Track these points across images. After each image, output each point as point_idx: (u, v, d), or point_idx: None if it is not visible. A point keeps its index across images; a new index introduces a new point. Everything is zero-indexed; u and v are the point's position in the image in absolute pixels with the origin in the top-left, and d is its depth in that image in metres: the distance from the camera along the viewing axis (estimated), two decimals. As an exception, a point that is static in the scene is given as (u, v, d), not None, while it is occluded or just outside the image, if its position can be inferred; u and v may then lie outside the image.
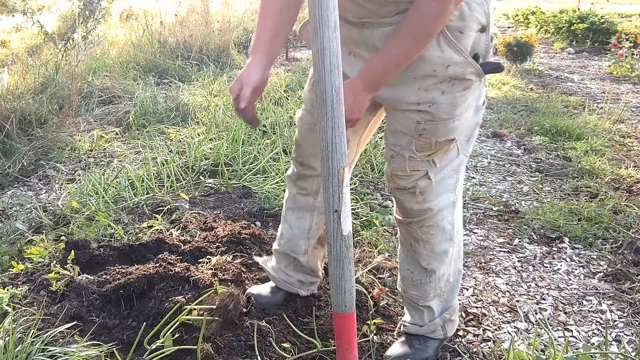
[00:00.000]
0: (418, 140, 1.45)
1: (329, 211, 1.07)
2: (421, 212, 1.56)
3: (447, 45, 1.33)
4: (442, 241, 1.61)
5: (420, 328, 1.71)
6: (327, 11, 0.93)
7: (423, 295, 1.68)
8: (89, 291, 1.87)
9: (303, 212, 1.79)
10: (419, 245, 1.62)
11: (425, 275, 1.65)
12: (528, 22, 10.55)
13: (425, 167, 1.49)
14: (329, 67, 0.96)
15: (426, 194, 1.53)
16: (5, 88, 3.89)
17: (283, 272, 1.88)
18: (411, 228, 1.61)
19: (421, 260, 1.64)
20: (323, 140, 1.02)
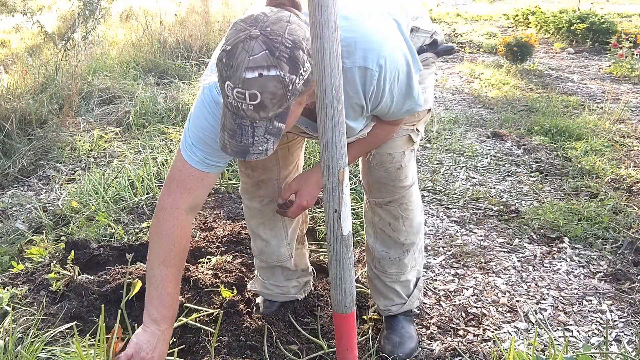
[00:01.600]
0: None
1: (329, 211, 1.07)
2: (403, 189, 1.62)
3: None
4: (418, 214, 1.71)
5: (403, 305, 1.78)
6: (327, 11, 0.93)
7: (402, 269, 1.74)
8: (89, 291, 1.87)
9: (274, 222, 1.77)
10: (399, 222, 1.67)
11: (403, 251, 1.72)
12: (528, 22, 10.55)
13: (408, 133, 1.59)
14: (329, 67, 0.97)
15: (408, 168, 1.61)
16: (5, 88, 3.88)
17: (275, 286, 1.87)
18: (391, 207, 1.65)
19: (400, 236, 1.69)
20: (323, 140, 1.02)
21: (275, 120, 1.09)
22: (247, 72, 1.02)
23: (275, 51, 1.02)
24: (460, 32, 10.46)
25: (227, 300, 1.80)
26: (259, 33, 1.03)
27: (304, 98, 1.15)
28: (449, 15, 14.02)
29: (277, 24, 1.05)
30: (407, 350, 1.72)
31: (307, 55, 1.07)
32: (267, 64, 1.02)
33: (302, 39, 1.06)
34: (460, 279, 2.20)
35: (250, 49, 1.02)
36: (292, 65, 1.03)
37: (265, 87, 1.03)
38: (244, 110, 1.06)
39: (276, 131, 1.11)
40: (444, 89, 5.86)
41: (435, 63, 1.64)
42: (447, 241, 2.50)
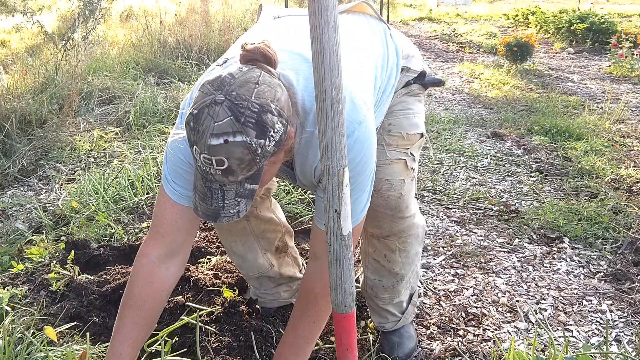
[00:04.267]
0: (389, 134, 1.55)
1: (329, 211, 1.06)
2: (403, 220, 1.58)
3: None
4: (415, 245, 1.67)
5: (397, 322, 1.78)
6: (327, 11, 0.93)
7: (395, 294, 1.73)
8: (89, 291, 1.87)
9: (245, 238, 1.73)
10: (395, 255, 1.64)
11: (397, 280, 1.69)
12: (528, 22, 10.55)
13: (404, 157, 1.55)
14: (329, 67, 0.96)
15: (409, 198, 1.57)
16: (5, 88, 3.88)
17: (267, 294, 1.88)
18: (389, 241, 1.61)
19: (395, 267, 1.66)
20: (323, 140, 1.02)
21: (245, 183, 1.07)
22: (212, 138, 0.99)
23: (241, 117, 1.00)
24: (460, 32, 10.45)
25: (228, 301, 1.80)
26: (224, 98, 1.00)
27: (279, 157, 1.13)
28: (449, 15, 14.02)
29: (244, 87, 1.03)
30: (406, 350, 1.72)
31: (277, 117, 1.04)
32: (232, 130, 0.99)
33: (272, 100, 1.03)
34: (460, 279, 2.20)
35: (215, 114, 1.00)
36: (260, 130, 1.01)
37: (231, 153, 1.00)
38: (212, 174, 1.04)
39: (248, 193, 1.09)
40: (444, 89, 5.86)
41: (423, 94, 1.65)
42: (447, 241, 2.50)
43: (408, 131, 1.56)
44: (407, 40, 1.62)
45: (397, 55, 1.49)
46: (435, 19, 13.64)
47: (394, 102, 1.55)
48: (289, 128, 1.09)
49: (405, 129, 1.55)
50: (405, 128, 1.55)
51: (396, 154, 1.54)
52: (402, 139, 1.55)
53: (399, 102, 1.57)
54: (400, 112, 1.56)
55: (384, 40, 1.48)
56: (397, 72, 1.47)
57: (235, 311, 1.76)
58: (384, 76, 1.42)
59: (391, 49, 1.48)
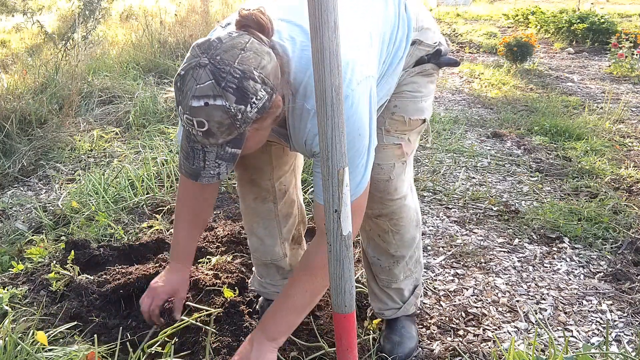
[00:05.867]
0: (392, 118, 1.54)
1: (329, 211, 1.06)
2: (392, 202, 1.59)
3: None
4: (410, 229, 1.67)
5: (398, 311, 1.77)
6: (327, 11, 0.93)
7: (393, 278, 1.73)
8: (89, 291, 1.87)
9: (268, 221, 1.75)
10: (388, 235, 1.66)
11: (393, 262, 1.70)
12: (528, 22, 10.55)
13: (400, 142, 1.54)
14: (329, 67, 0.96)
15: (398, 181, 1.57)
16: (5, 88, 3.88)
17: (271, 285, 1.88)
18: (380, 221, 1.63)
19: (390, 248, 1.68)
20: (323, 140, 1.02)
21: (227, 146, 1.11)
22: (193, 100, 1.04)
23: (222, 81, 1.03)
24: (460, 32, 10.45)
25: (228, 301, 1.80)
26: (208, 62, 1.04)
27: (264, 123, 1.15)
28: (449, 15, 14.02)
29: (229, 52, 1.05)
30: (406, 350, 1.72)
31: (260, 84, 1.06)
32: (213, 94, 1.03)
33: (255, 68, 1.06)
34: (460, 279, 2.20)
35: (198, 77, 1.04)
36: (240, 96, 1.04)
37: (211, 116, 1.04)
38: (194, 135, 1.08)
39: (229, 157, 1.12)
40: (444, 89, 5.86)
41: (437, 73, 1.61)
42: (447, 241, 2.50)
43: (411, 116, 1.54)
44: (424, 11, 1.54)
45: (409, 27, 1.43)
46: (435, 19, 13.62)
47: (405, 81, 1.52)
48: (274, 96, 1.12)
49: (409, 113, 1.54)
50: (409, 112, 1.54)
51: (392, 140, 1.54)
52: (404, 124, 1.54)
53: (410, 82, 1.53)
54: (409, 95, 1.54)
55: (397, 11, 1.42)
56: (407, 45, 1.43)
57: (235, 311, 1.76)
58: (390, 49, 1.39)
59: (402, 21, 1.43)
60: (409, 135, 1.56)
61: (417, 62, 1.53)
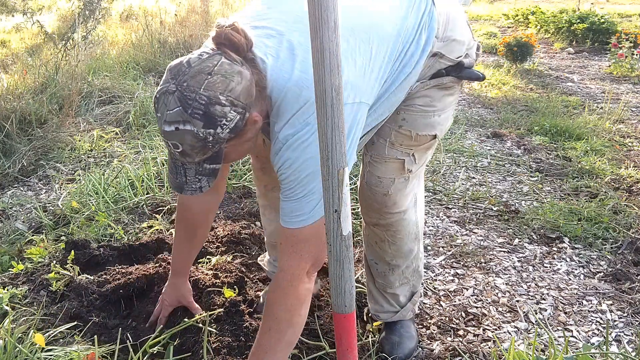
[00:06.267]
0: (398, 131, 1.48)
1: (328, 211, 1.06)
2: (391, 215, 1.58)
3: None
4: (408, 242, 1.66)
5: (395, 314, 1.77)
6: (327, 11, 0.93)
7: (388, 284, 1.74)
8: (89, 291, 1.87)
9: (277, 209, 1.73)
10: (385, 244, 1.66)
11: (389, 269, 1.71)
12: (528, 22, 10.55)
13: (403, 157, 1.50)
14: (329, 67, 0.96)
15: (397, 196, 1.54)
16: (5, 88, 3.88)
17: (274, 265, 1.93)
18: (378, 230, 1.63)
19: (386, 256, 1.68)
20: (322, 140, 1.02)
21: (204, 163, 1.17)
22: (165, 125, 1.11)
23: (188, 108, 1.08)
24: (460, 32, 10.44)
25: (228, 300, 1.80)
26: (175, 88, 1.09)
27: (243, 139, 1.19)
28: (449, 15, 13.99)
29: (195, 78, 1.09)
30: (406, 350, 1.72)
31: (229, 106, 1.10)
32: (181, 119, 1.09)
33: (222, 92, 1.09)
34: (460, 279, 2.20)
35: (168, 103, 1.10)
36: (207, 120, 1.09)
37: (183, 139, 1.11)
38: (175, 154, 1.16)
39: (208, 172, 1.19)
40: (444, 89, 5.85)
41: (458, 86, 1.50)
42: (447, 241, 2.50)
43: (419, 132, 1.47)
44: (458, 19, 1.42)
45: (428, 39, 1.33)
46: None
47: (417, 94, 1.43)
48: (247, 115, 1.15)
49: (417, 128, 1.46)
50: (417, 128, 1.46)
51: (395, 154, 1.50)
52: (410, 139, 1.48)
53: (423, 96, 1.44)
54: (419, 108, 1.45)
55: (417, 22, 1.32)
56: (418, 60, 1.33)
57: (235, 311, 1.76)
58: (396, 66, 1.32)
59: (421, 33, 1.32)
60: (414, 151, 1.50)
61: (434, 74, 1.43)
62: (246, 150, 1.28)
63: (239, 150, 1.24)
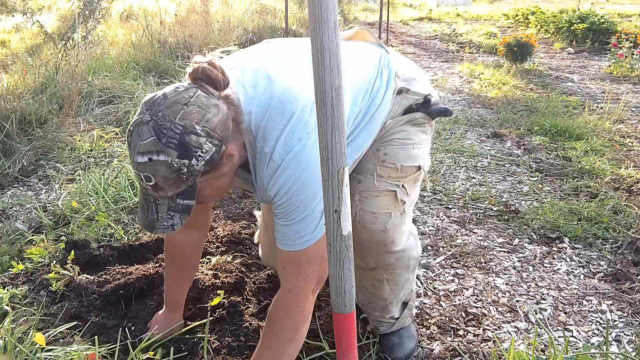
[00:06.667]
0: (382, 165, 1.52)
1: (328, 211, 1.06)
2: (390, 255, 1.54)
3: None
4: (406, 274, 1.63)
5: (394, 324, 1.74)
6: (327, 11, 0.93)
7: (386, 312, 1.71)
8: (89, 291, 1.87)
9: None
10: (383, 284, 1.61)
11: (387, 304, 1.68)
12: (528, 22, 10.55)
13: (394, 189, 1.50)
14: (329, 67, 0.96)
15: (396, 232, 1.52)
16: (5, 88, 3.88)
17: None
18: (376, 272, 1.59)
19: (384, 294, 1.64)
20: (322, 140, 1.02)
21: (177, 198, 1.13)
22: (138, 156, 1.08)
23: (163, 137, 1.05)
24: (460, 32, 10.45)
25: (228, 301, 1.80)
26: (150, 118, 1.07)
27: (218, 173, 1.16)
28: (449, 15, 14.02)
29: (171, 108, 1.08)
30: (406, 350, 1.71)
31: (205, 137, 1.08)
32: (155, 149, 1.06)
33: (198, 122, 1.08)
34: (460, 279, 2.20)
35: (141, 133, 1.07)
36: (182, 150, 1.06)
37: (156, 171, 1.08)
38: (147, 189, 1.12)
39: (182, 208, 1.15)
40: (444, 89, 5.86)
41: (429, 124, 1.58)
42: (447, 241, 2.50)
43: (403, 163, 1.51)
44: (410, 64, 1.58)
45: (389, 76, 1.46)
46: (435, 19, 13.64)
47: (393, 130, 1.51)
48: (223, 147, 1.13)
49: (401, 160, 1.51)
50: (400, 160, 1.51)
51: (386, 186, 1.51)
52: (396, 170, 1.51)
53: (400, 131, 1.52)
54: (399, 142, 1.52)
55: (377, 66, 1.46)
56: (385, 92, 1.43)
57: (235, 311, 1.76)
58: (367, 98, 1.40)
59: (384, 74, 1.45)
60: (403, 182, 1.52)
61: (405, 110, 1.52)
62: (222, 188, 1.24)
63: (215, 185, 1.20)
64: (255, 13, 9.07)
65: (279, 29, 8.86)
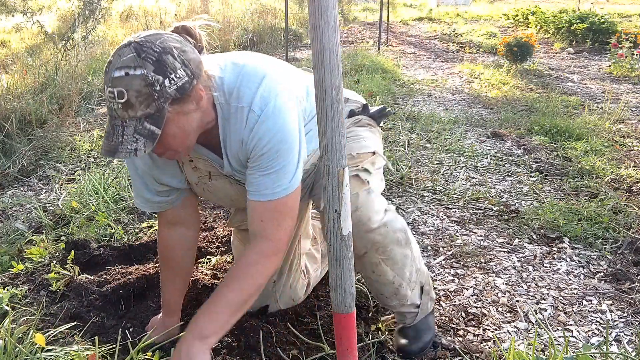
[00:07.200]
0: None
1: (329, 211, 1.07)
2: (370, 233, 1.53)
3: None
4: (399, 249, 1.61)
5: (416, 316, 1.73)
6: (327, 11, 0.93)
7: (403, 298, 1.68)
8: (89, 291, 1.87)
9: None
10: (381, 266, 1.60)
11: (396, 287, 1.65)
12: (528, 22, 10.56)
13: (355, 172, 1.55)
14: (329, 67, 0.97)
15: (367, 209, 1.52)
16: (5, 88, 3.88)
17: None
18: (368, 257, 1.58)
19: (388, 276, 1.62)
20: (323, 140, 1.02)
21: (145, 121, 1.16)
22: (115, 71, 1.13)
23: (142, 53, 1.13)
24: (460, 32, 10.46)
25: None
26: (133, 41, 1.16)
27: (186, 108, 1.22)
28: (449, 15, 14.03)
29: (153, 35, 1.18)
30: (421, 344, 1.70)
31: (180, 64, 1.16)
32: (133, 65, 1.12)
33: (176, 48, 1.17)
34: (460, 279, 2.20)
35: (122, 53, 1.14)
36: (158, 67, 1.13)
37: (130, 85, 1.12)
38: (115, 110, 1.15)
39: (147, 133, 1.17)
40: (444, 89, 5.86)
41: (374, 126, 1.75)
42: (447, 241, 2.50)
43: (358, 151, 1.61)
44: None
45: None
46: (435, 19, 13.65)
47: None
48: (195, 83, 1.20)
49: (354, 149, 1.61)
50: (354, 149, 1.61)
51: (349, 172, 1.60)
52: (352, 158, 1.59)
53: (348, 132, 1.65)
54: (350, 138, 1.64)
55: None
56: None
57: (235, 311, 1.76)
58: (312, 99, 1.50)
59: None
60: (362, 165, 1.58)
61: (349, 114, 1.72)
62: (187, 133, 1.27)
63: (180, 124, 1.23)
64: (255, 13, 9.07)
65: (279, 29, 8.86)
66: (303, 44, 9.22)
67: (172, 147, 1.26)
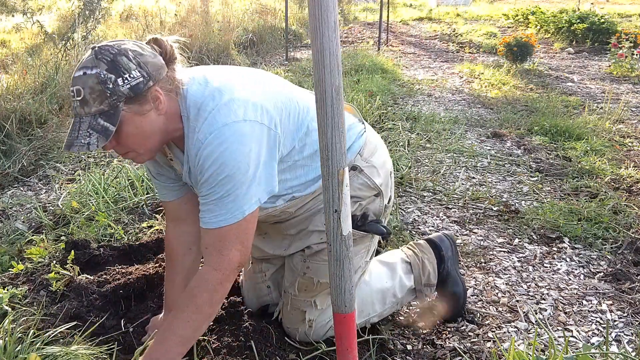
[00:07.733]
0: (302, 278, 1.61)
1: (329, 211, 1.06)
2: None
3: None
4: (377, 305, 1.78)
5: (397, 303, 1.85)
6: (327, 11, 0.93)
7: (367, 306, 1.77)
8: (89, 291, 1.87)
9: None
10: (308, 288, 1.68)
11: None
12: (528, 22, 10.56)
13: (305, 308, 1.61)
14: (329, 67, 0.96)
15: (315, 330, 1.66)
16: (5, 88, 3.88)
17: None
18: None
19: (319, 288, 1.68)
20: (322, 140, 1.02)
21: (99, 117, 1.22)
22: (76, 72, 1.24)
23: (99, 55, 1.22)
24: (460, 32, 10.46)
25: (228, 300, 1.80)
26: (96, 46, 1.25)
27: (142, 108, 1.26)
28: (449, 15, 14.03)
29: (114, 41, 1.27)
30: None
31: (135, 65, 1.23)
32: (90, 65, 1.22)
33: (132, 51, 1.24)
34: (460, 279, 2.20)
35: (84, 57, 1.25)
36: (112, 66, 1.21)
37: (85, 83, 1.21)
38: (75, 108, 1.24)
39: (101, 129, 1.22)
40: (444, 89, 5.86)
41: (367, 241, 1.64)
42: (447, 241, 2.50)
43: (321, 279, 1.59)
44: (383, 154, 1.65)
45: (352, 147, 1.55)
46: (435, 19, 13.65)
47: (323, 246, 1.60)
48: (151, 83, 1.25)
49: (320, 277, 1.59)
50: (320, 276, 1.59)
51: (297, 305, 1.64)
52: (312, 285, 1.60)
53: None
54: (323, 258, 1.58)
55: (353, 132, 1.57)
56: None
57: (235, 311, 1.76)
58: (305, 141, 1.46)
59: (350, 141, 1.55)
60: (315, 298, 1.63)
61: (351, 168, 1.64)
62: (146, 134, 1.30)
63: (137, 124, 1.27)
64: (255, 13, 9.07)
65: (279, 29, 8.86)
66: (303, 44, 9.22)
67: (131, 146, 1.31)
